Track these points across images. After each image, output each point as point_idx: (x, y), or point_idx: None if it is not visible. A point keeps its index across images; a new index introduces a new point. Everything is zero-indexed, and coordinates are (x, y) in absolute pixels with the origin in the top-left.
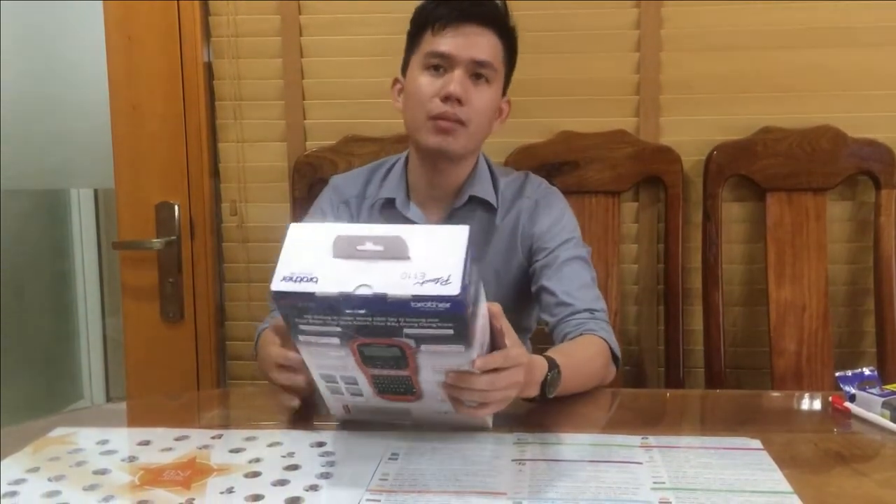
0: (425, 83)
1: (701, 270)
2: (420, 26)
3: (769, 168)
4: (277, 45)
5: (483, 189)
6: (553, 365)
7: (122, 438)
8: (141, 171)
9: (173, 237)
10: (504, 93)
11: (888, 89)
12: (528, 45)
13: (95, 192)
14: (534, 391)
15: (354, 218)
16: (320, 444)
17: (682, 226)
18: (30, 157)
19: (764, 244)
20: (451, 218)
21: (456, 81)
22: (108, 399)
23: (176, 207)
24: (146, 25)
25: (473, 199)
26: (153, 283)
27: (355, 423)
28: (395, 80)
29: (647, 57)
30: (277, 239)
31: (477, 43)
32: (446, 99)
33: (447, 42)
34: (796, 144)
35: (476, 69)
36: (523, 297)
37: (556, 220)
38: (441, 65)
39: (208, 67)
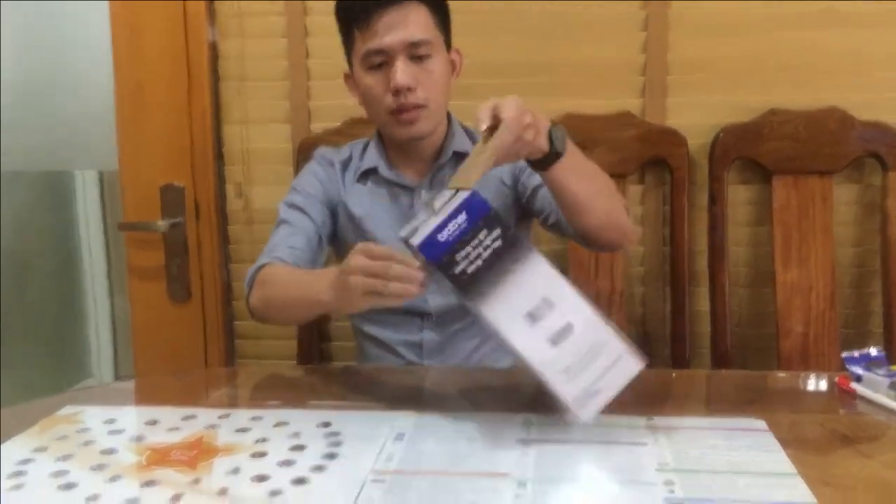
0: (373, 83)
1: (707, 252)
2: (347, 24)
3: (776, 150)
4: (282, 24)
5: (463, 143)
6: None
7: (130, 418)
8: (145, 152)
9: (179, 219)
10: (450, 47)
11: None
12: (533, 26)
13: (100, 173)
14: (543, 142)
15: (340, 181)
16: (326, 425)
17: (688, 208)
18: (34, 139)
19: (770, 227)
20: (437, 173)
21: (399, 71)
22: (117, 377)
23: (181, 189)
24: (150, 5)
25: (455, 154)
26: (159, 263)
27: (361, 402)
28: (346, 76)
29: (654, 37)
30: None
31: (404, 25)
32: (397, 92)
33: (376, 37)
34: (803, 127)
35: (414, 51)
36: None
37: None
38: (380, 61)
39: (213, 47)
